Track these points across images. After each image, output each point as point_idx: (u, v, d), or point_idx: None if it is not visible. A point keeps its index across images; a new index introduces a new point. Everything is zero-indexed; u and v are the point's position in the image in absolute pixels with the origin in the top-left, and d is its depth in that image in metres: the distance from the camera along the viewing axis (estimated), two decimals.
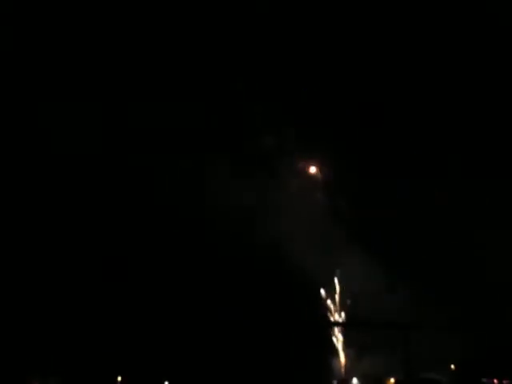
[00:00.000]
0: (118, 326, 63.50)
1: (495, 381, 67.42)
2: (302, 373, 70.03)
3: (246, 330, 68.35)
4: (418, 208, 72.57)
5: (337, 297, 79.99)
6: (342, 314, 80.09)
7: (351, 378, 76.10)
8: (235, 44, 69.35)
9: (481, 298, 67.55)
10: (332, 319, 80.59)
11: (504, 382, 66.99)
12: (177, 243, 68.00)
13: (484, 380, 67.84)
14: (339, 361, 77.72)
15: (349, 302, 79.11)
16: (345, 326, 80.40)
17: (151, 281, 66.15)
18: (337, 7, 68.30)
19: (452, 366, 71.52)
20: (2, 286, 57.21)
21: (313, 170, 77.60)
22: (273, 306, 70.40)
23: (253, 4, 66.58)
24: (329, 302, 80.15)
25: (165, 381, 67.42)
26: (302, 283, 74.36)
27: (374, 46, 70.58)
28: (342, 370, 77.18)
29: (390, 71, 71.61)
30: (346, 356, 78.00)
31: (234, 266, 69.61)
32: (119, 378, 64.72)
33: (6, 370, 54.83)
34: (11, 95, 61.25)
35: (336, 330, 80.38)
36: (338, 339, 79.95)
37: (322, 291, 79.20)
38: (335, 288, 79.92)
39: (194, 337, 66.92)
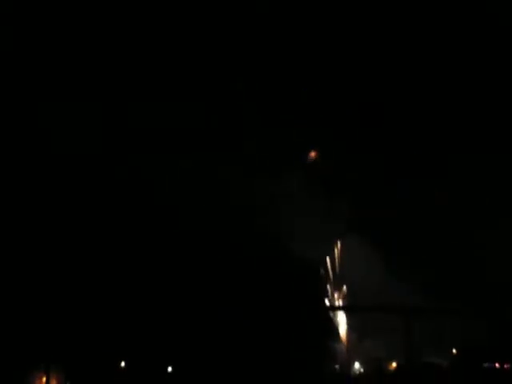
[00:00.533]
0: (123, 312, 63.69)
1: (496, 365, 68.36)
2: (304, 357, 70.44)
3: (247, 314, 68.96)
4: (417, 195, 73.47)
5: (337, 281, 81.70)
6: (344, 297, 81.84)
7: (353, 362, 77.43)
8: (236, 44, 69.38)
9: (482, 284, 68.70)
10: (334, 304, 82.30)
11: (505, 366, 67.91)
12: (177, 231, 69.06)
13: (485, 364, 68.71)
14: (341, 345, 79.61)
15: (349, 287, 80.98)
16: (346, 311, 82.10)
17: (154, 270, 66.34)
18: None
19: (454, 351, 72.70)
20: (5, 277, 58.12)
21: (313, 161, 78.37)
22: (274, 291, 71.24)
23: (253, 4, 66.55)
24: (329, 286, 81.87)
25: (168, 366, 68.01)
26: (303, 269, 75.91)
27: (376, 45, 70.24)
28: (345, 354, 79.06)
29: (390, 71, 71.46)
30: (348, 340, 79.95)
31: (234, 253, 70.60)
32: (123, 364, 65.61)
33: (9, 357, 55.23)
34: (11, 96, 62.01)
35: (338, 314, 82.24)
36: (339, 323, 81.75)
37: (322, 271, 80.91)
38: (336, 272, 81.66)
39: (196, 320, 67.43)
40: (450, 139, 70.93)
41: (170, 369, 68.39)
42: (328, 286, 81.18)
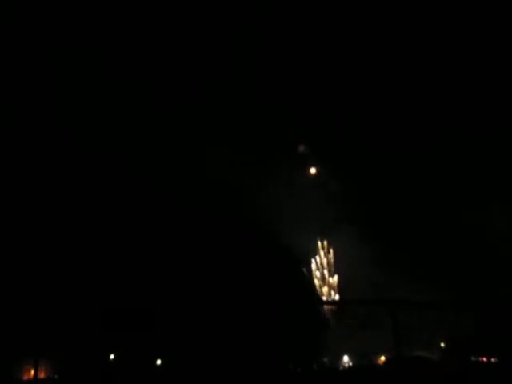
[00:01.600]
0: (111, 305, 64.15)
1: (484, 359, 68.65)
2: (294, 350, 71.26)
3: (236, 306, 69.08)
4: (407, 186, 74.00)
5: (326, 274, 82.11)
6: (333, 291, 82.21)
7: (342, 356, 77.73)
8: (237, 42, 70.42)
9: (470, 278, 69.24)
10: (323, 298, 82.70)
11: (492, 359, 68.05)
12: (163, 220, 69.66)
13: (473, 358, 68.85)
14: (331, 338, 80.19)
15: (338, 280, 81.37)
16: (335, 304, 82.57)
17: (142, 263, 67.12)
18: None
19: (442, 344, 72.83)
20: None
21: (303, 150, 78.54)
22: (264, 283, 71.49)
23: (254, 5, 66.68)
24: (318, 280, 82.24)
25: (157, 359, 68.18)
26: (292, 261, 76.33)
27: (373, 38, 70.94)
28: (334, 347, 79.40)
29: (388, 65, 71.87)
30: (337, 334, 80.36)
31: (224, 244, 71.49)
32: (112, 356, 65.72)
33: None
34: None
35: (327, 308, 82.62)
36: (329, 317, 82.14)
37: (311, 264, 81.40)
38: (325, 266, 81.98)
39: (185, 313, 67.56)
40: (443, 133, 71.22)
41: (158, 362, 68.50)
42: (317, 280, 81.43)
